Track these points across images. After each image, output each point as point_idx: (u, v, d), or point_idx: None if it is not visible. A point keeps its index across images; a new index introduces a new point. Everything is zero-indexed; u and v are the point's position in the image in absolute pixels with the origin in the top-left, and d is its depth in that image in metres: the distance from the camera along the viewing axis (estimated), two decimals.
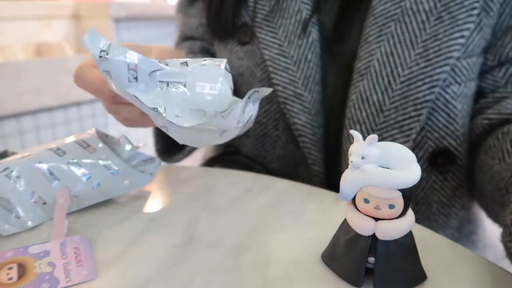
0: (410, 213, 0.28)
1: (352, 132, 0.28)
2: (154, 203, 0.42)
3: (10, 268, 0.31)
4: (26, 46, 1.58)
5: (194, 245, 0.35)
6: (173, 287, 0.30)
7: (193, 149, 0.57)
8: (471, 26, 0.46)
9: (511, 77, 0.49)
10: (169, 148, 0.59)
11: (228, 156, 0.66)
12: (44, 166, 0.39)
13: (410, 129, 0.47)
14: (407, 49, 0.47)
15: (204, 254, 0.33)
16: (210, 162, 0.68)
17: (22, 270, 0.31)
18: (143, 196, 0.44)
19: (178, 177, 0.48)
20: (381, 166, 0.27)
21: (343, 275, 0.30)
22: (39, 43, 1.61)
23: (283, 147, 0.56)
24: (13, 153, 0.43)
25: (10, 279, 0.30)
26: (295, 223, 0.38)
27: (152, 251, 0.34)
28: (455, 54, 0.46)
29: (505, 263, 0.35)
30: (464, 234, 0.57)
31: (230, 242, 0.35)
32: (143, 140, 0.53)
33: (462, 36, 0.46)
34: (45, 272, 0.31)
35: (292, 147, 0.55)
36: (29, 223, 0.38)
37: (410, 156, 0.28)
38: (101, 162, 0.41)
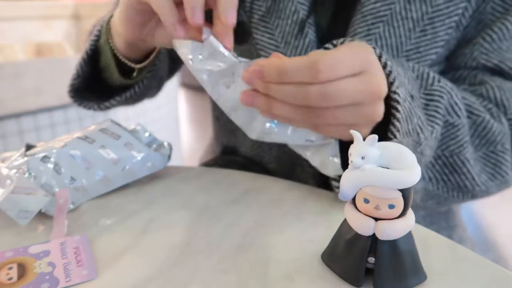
0: (410, 213, 0.28)
1: (352, 132, 0.28)
2: (154, 203, 0.42)
3: (10, 268, 0.31)
4: (26, 46, 1.58)
5: (194, 245, 0.35)
6: (173, 287, 0.30)
7: (108, 108, 0.54)
8: (444, 42, 0.48)
9: (459, 78, 0.52)
10: (85, 90, 0.56)
11: (226, 156, 0.66)
12: (78, 152, 0.42)
13: None
14: (392, 54, 0.48)
15: (204, 254, 0.33)
16: (209, 163, 0.68)
17: (22, 270, 0.31)
18: (143, 196, 0.44)
19: (178, 177, 0.48)
20: (381, 166, 0.27)
21: (343, 275, 0.30)
22: (39, 43, 1.61)
23: (280, 148, 0.56)
24: (35, 146, 0.44)
25: (10, 279, 0.30)
26: (295, 223, 0.38)
27: (152, 251, 0.34)
28: (426, 68, 0.48)
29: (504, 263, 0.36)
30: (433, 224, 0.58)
31: (230, 242, 0.35)
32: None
33: (436, 52, 0.49)
34: (45, 272, 0.31)
35: (289, 148, 0.55)
36: (71, 206, 0.41)
37: (410, 156, 0.28)
38: (127, 147, 0.45)
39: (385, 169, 0.27)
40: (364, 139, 0.28)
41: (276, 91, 0.35)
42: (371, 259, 0.29)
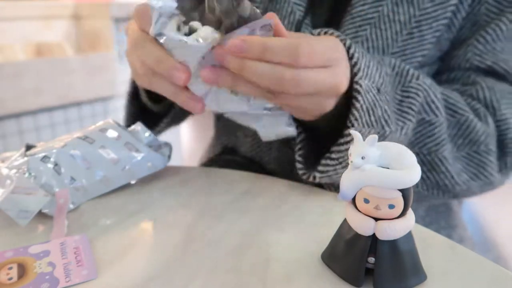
0: (410, 213, 0.28)
1: (352, 132, 0.28)
2: (154, 203, 0.42)
3: (10, 268, 0.31)
4: (26, 46, 1.57)
5: (194, 245, 0.35)
6: (173, 287, 0.30)
7: (161, 131, 0.57)
8: (432, 45, 0.49)
9: (453, 79, 0.52)
10: (138, 119, 0.59)
11: (226, 156, 0.66)
12: (78, 152, 0.42)
13: None
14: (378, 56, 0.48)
15: (204, 254, 0.33)
16: (209, 163, 0.68)
17: (22, 270, 0.31)
18: (143, 196, 0.44)
19: (178, 177, 0.48)
20: (381, 166, 0.27)
21: (343, 275, 0.30)
22: (39, 43, 1.60)
23: (279, 149, 0.56)
24: (35, 146, 0.44)
25: (10, 279, 0.30)
26: (295, 223, 0.38)
27: (152, 251, 0.34)
28: (408, 65, 0.48)
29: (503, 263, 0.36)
30: (432, 223, 0.58)
31: (230, 242, 0.35)
32: None
33: (423, 55, 0.49)
34: (45, 272, 0.31)
35: (288, 149, 0.55)
36: (71, 206, 0.41)
37: (410, 156, 0.28)
38: (127, 147, 0.45)
39: (385, 169, 0.27)
40: (364, 139, 0.28)
41: (251, 68, 0.35)
42: (371, 259, 0.29)
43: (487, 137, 0.48)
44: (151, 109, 0.56)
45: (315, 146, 0.45)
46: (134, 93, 0.57)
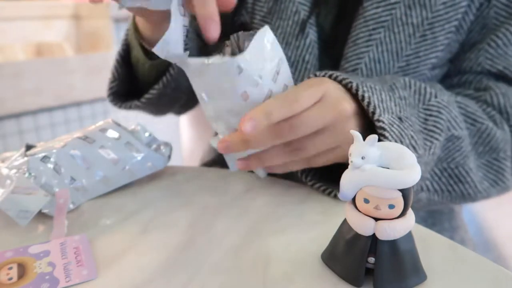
0: (410, 213, 0.28)
1: (352, 132, 0.28)
2: (154, 203, 0.42)
3: (10, 268, 0.31)
4: (26, 46, 1.57)
5: (194, 245, 0.35)
6: (173, 287, 0.30)
7: (149, 102, 0.54)
8: (444, 47, 0.49)
9: (465, 82, 0.52)
10: (123, 92, 0.57)
11: None
12: (78, 152, 0.42)
13: None
14: (392, 59, 0.48)
15: (204, 254, 0.33)
16: (211, 162, 0.68)
17: (22, 270, 0.31)
18: (143, 196, 0.44)
19: (178, 177, 0.48)
20: (381, 166, 0.27)
21: (343, 275, 0.30)
22: (39, 43, 1.60)
23: None
24: (35, 146, 0.44)
25: (10, 279, 0.30)
26: (295, 223, 0.38)
27: (152, 251, 0.34)
28: (427, 71, 0.49)
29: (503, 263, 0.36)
30: (434, 224, 0.59)
31: (230, 242, 0.35)
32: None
33: (436, 57, 0.49)
34: (45, 272, 0.31)
35: None
36: (71, 206, 0.41)
37: (410, 156, 0.28)
38: (127, 147, 0.45)
39: (385, 169, 0.27)
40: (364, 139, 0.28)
41: (255, 143, 0.38)
42: (371, 259, 0.29)
43: (506, 144, 0.48)
44: (141, 75, 0.54)
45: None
46: (125, 55, 0.55)
